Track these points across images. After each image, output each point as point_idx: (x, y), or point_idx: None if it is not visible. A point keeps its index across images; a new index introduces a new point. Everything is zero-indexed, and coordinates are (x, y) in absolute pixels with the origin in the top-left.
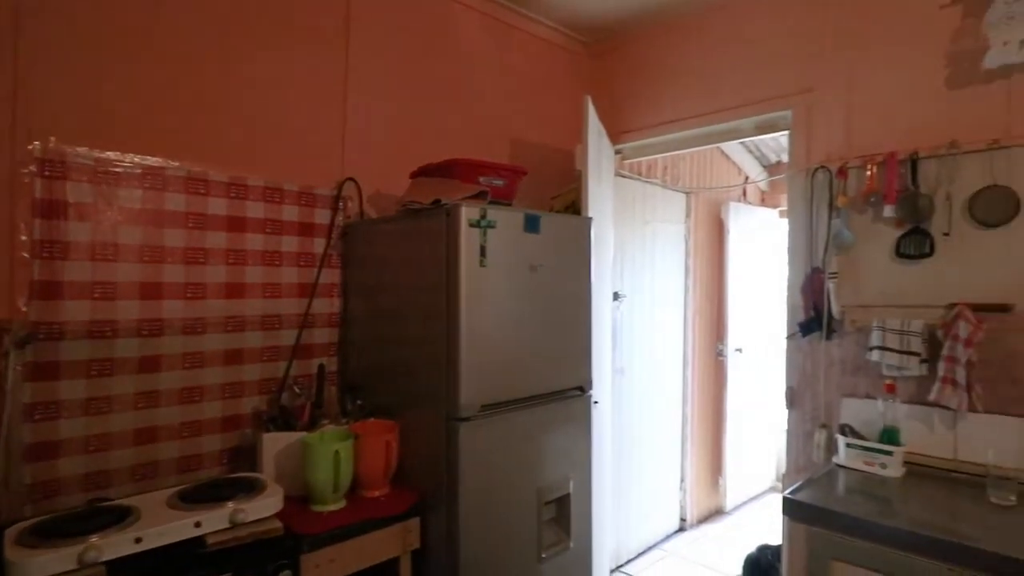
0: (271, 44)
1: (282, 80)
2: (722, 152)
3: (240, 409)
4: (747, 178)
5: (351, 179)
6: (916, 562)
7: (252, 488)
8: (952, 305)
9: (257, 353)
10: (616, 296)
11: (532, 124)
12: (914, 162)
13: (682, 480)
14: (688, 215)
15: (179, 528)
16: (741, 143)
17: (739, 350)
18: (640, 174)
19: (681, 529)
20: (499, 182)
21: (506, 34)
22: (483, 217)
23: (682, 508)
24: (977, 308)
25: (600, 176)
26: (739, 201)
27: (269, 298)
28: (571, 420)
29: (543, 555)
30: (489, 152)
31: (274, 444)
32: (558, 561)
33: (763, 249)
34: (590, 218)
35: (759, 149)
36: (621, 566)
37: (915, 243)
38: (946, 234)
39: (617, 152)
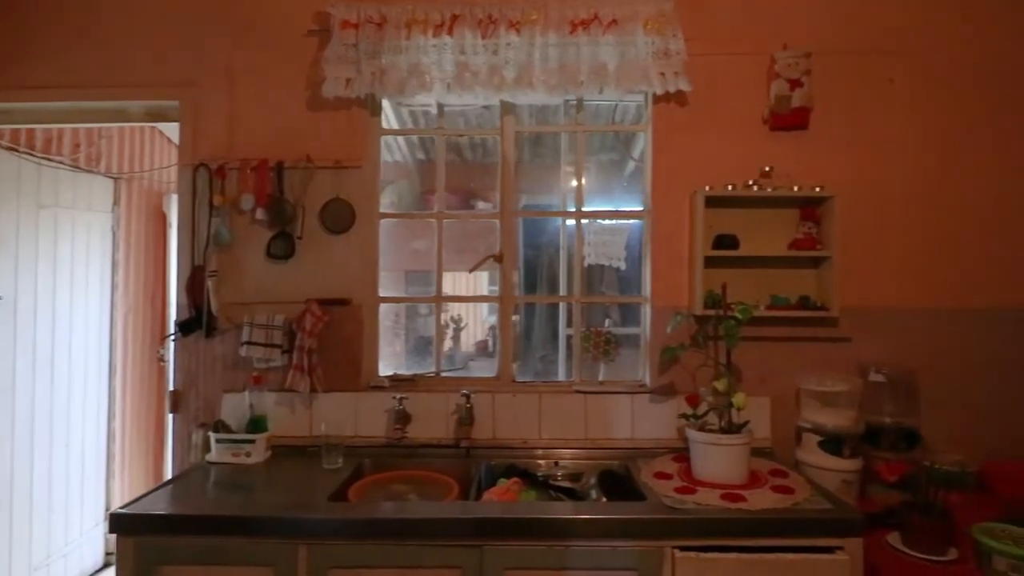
0: None
1: None
2: (167, 137)
3: None
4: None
5: None
6: (233, 543)
7: None
8: (307, 300)
9: None
10: None
11: None
12: (280, 171)
13: (107, 508)
14: (117, 203)
15: None
16: None
17: None
18: (33, 148)
19: (107, 564)
20: None
21: None
22: None
23: (108, 541)
24: (325, 302)
25: None
26: None
27: None
28: None
29: None
30: None
31: None
32: None
33: None
34: None
35: None
36: None
37: (282, 245)
38: (299, 237)
39: None
